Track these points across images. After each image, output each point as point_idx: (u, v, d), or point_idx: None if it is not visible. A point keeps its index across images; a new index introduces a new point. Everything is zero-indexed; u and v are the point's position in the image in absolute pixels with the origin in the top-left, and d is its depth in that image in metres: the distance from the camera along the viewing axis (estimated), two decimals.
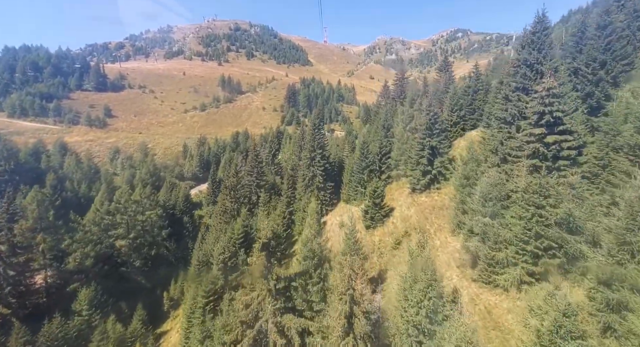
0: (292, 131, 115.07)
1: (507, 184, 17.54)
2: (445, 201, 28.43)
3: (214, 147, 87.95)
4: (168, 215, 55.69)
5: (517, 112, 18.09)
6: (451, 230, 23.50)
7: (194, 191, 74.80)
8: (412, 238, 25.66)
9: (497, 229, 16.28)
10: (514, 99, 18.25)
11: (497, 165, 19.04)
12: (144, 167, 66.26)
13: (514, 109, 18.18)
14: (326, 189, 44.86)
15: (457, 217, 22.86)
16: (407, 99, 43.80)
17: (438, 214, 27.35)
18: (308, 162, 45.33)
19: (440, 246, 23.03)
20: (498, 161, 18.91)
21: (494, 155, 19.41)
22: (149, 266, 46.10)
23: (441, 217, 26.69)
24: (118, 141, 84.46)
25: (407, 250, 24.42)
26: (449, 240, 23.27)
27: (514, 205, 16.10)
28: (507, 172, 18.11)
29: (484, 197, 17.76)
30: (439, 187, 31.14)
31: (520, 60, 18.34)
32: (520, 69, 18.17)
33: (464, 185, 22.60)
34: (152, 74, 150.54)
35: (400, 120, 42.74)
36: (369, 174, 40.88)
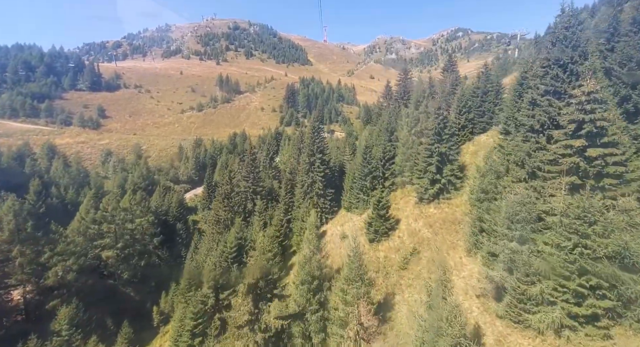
0: (291, 132, 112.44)
1: (538, 203, 15.07)
2: (457, 214, 25.88)
3: (210, 148, 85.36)
4: (160, 221, 53.14)
5: (547, 120, 15.63)
6: (466, 249, 20.99)
7: (189, 195, 72.23)
8: (422, 257, 23.13)
9: (528, 258, 13.80)
10: (543, 104, 15.78)
11: (524, 181, 16.59)
12: (136, 171, 63.64)
13: (544, 115, 15.71)
14: (326, 195, 42.31)
15: (473, 235, 20.34)
16: (412, 101, 41.23)
17: (449, 228, 24.81)
18: (307, 167, 42.74)
19: (454, 268, 20.51)
20: (525, 176, 16.45)
21: (519, 169, 16.93)
22: (139, 277, 43.53)
23: (453, 233, 24.15)
24: (111, 143, 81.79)
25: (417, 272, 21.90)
26: (465, 261, 20.76)
27: (549, 231, 13.65)
28: (537, 190, 15.63)
29: (509, 218, 15.26)
30: (449, 198, 28.60)
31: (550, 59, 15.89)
32: (551, 70, 15.73)
33: (482, 199, 20.07)
34: (149, 73, 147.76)
35: (405, 124, 40.19)
36: (371, 181, 38.33)
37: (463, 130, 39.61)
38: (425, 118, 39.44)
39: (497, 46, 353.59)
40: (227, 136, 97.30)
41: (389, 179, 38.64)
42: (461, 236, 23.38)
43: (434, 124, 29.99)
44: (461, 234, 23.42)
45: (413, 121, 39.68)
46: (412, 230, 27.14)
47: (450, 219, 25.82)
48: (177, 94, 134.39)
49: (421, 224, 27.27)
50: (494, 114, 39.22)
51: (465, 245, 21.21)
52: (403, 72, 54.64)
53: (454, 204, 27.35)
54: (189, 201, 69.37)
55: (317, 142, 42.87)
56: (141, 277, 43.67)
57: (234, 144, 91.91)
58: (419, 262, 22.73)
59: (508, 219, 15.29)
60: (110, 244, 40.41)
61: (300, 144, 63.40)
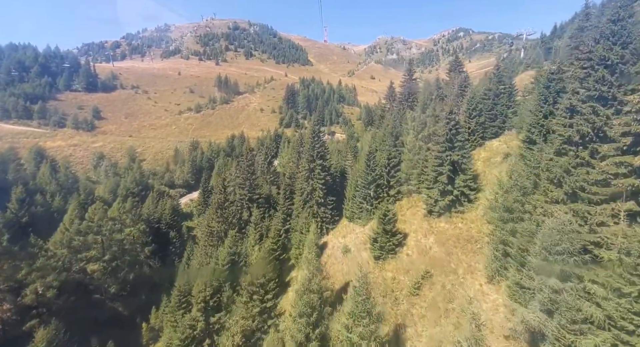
0: (291, 134, 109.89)
1: (583, 232, 12.58)
2: (473, 232, 23.28)
3: (207, 151, 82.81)
4: (152, 230, 50.62)
5: (590, 130, 13.14)
6: (488, 276, 18.41)
7: (185, 200, 69.67)
8: (436, 282, 20.52)
9: (575, 300, 11.29)
10: (585, 111, 13.27)
11: (562, 202, 14.07)
12: (129, 175, 61.08)
13: (586, 125, 13.21)
14: (327, 204, 39.77)
15: (496, 260, 17.77)
16: (419, 104, 38.65)
17: (464, 248, 22.22)
18: (307, 174, 40.19)
19: (473, 298, 17.94)
20: (563, 196, 13.93)
21: (555, 187, 14.42)
22: (128, 290, 40.98)
23: (469, 254, 21.57)
24: (105, 146, 79.25)
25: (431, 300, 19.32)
26: (486, 289, 18.20)
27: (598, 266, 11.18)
28: (581, 215, 13.13)
29: (547, 248, 12.74)
30: (462, 211, 26.02)
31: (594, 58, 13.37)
32: (595, 71, 13.23)
33: (505, 219, 17.49)
34: (146, 73, 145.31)
35: (411, 128, 37.61)
36: (375, 190, 35.78)
37: (473, 135, 37.09)
38: (432, 122, 36.92)
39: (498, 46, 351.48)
40: (225, 138, 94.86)
41: (394, 188, 36.09)
42: (479, 257, 20.78)
43: (444, 129, 27.41)
44: (479, 255, 20.83)
45: (420, 125, 37.11)
46: (422, 247, 24.54)
47: (464, 236, 23.22)
48: (175, 94, 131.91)
49: (432, 241, 24.67)
50: (506, 118, 36.66)
51: (485, 271, 18.65)
52: (407, 72, 52.07)
53: (468, 219, 24.75)
54: (184, 206, 66.85)
55: (317, 148, 40.33)
56: (130, 290, 41.12)
57: (231, 146, 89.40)
58: (432, 287, 20.15)
59: (545, 250, 12.78)
60: (96, 257, 37.86)
61: (300, 148, 60.89)
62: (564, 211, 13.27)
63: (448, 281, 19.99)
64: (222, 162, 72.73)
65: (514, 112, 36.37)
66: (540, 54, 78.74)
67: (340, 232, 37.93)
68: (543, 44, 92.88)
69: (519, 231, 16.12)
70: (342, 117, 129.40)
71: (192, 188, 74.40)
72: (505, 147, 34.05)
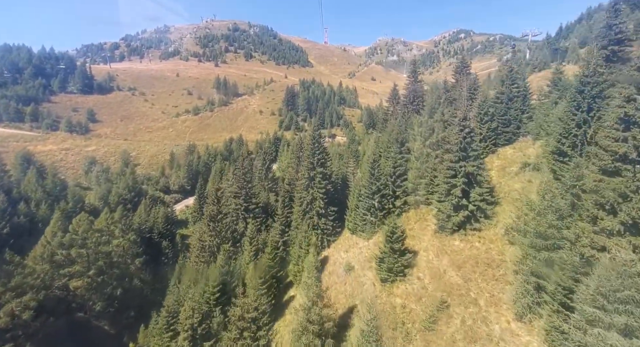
0: (291, 137, 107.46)
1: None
2: (493, 253, 20.70)
3: (204, 155, 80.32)
4: (144, 240, 48.08)
5: None
6: (517, 313, 15.81)
7: (180, 206, 67.12)
8: (454, 314, 17.91)
9: None
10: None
11: (619, 234, 11.61)
12: (121, 181, 58.52)
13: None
14: (328, 215, 37.20)
15: (527, 294, 15.18)
16: (426, 108, 36.10)
17: (485, 273, 19.63)
18: (306, 182, 37.65)
19: (499, 338, 15.34)
20: (620, 227, 11.48)
21: (607, 215, 11.95)
22: (115, 306, 38.37)
23: (491, 282, 18.98)
24: (98, 149, 76.71)
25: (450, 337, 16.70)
26: (515, 328, 15.60)
27: None
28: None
29: (604, 294, 10.23)
30: (479, 228, 23.44)
31: None
32: None
33: (539, 247, 14.92)
34: (144, 75, 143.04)
35: (418, 134, 35.07)
36: (380, 200, 33.20)
37: (485, 141, 34.56)
38: (441, 128, 34.38)
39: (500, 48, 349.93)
40: (223, 141, 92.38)
41: (400, 198, 33.50)
42: (503, 285, 18.19)
43: (457, 137, 24.87)
44: (503, 283, 18.23)
45: (427, 131, 34.57)
46: (436, 270, 21.93)
47: (484, 259, 20.63)
48: (172, 96, 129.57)
49: (446, 263, 22.07)
50: (521, 123, 34.12)
51: (514, 306, 16.07)
52: (411, 74, 49.55)
53: (487, 238, 22.16)
54: (179, 213, 64.30)
55: (317, 154, 37.78)
56: (118, 306, 38.50)
57: (229, 150, 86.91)
58: (450, 321, 17.55)
59: (602, 296, 10.28)
60: (80, 272, 35.28)
61: (300, 152, 58.37)
62: (623, 246, 10.82)
63: (468, 314, 17.39)
64: (219, 167, 70.20)
65: (529, 117, 33.84)
66: (548, 55, 76.31)
67: (342, 245, 35.35)
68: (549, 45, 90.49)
69: (557, 262, 13.57)
70: (342, 119, 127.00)
71: (188, 194, 71.86)
72: (521, 155, 31.51)
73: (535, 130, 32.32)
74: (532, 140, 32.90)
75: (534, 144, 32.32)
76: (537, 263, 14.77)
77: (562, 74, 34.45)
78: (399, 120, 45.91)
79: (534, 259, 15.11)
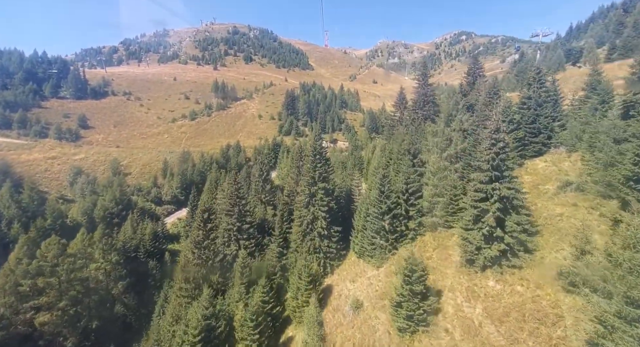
0: (291, 142, 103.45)
1: None
2: (544, 304, 16.31)
3: (199, 163, 76.21)
4: (129, 260, 43.87)
5: None
6: None
7: (172, 219, 62.91)
8: None
9: None
10: None
11: None
12: (108, 193, 54.38)
13: None
14: (331, 236, 32.90)
15: None
16: (442, 115, 31.82)
17: (536, 332, 15.25)
18: (307, 199, 33.38)
19: None
20: None
21: None
22: (92, 339, 34.08)
23: (545, 343, 14.55)
24: (87, 158, 72.72)
25: None
26: None
27: None
28: None
29: None
30: (519, 266, 19.07)
31: None
32: None
33: (631, 318, 10.58)
34: (140, 79, 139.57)
35: (434, 145, 30.78)
36: (391, 222, 28.88)
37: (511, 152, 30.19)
38: (460, 138, 30.11)
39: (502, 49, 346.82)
40: (220, 148, 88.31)
41: (415, 219, 29.19)
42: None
43: (489, 153, 20.56)
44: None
45: (444, 142, 30.27)
46: (468, 322, 17.53)
47: (532, 311, 16.23)
48: (169, 101, 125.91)
49: (480, 312, 17.66)
50: (553, 132, 29.82)
51: None
52: (421, 76, 45.34)
53: (531, 281, 17.79)
54: (171, 227, 60.08)
55: (319, 168, 33.53)
56: (95, 340, 34.19)
57: (226, 157, 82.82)
58: None
59: None
60: (50, 303, 31.00)
61: (299, 162, 54.22)
62: None
63: None
64: (215, 176, 65.96)
65: (562, 126, 29.54)
66: (562, 56, 71.93)
67: (348, 272, 30.98)
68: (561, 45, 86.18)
69: None
70: (344, 123, 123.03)
71: (182, 204, 67.66)
72: (555, 170, 27.17)
73: (570, 141, 28.03)
74: (567, 152, 28.59)
75: (569, 157, 28.00)
76: (630, 343, 10.46)
77: (601, 75, 30.18)
78: (409, 128, 41.68)
79: (622, 333, 10.79)
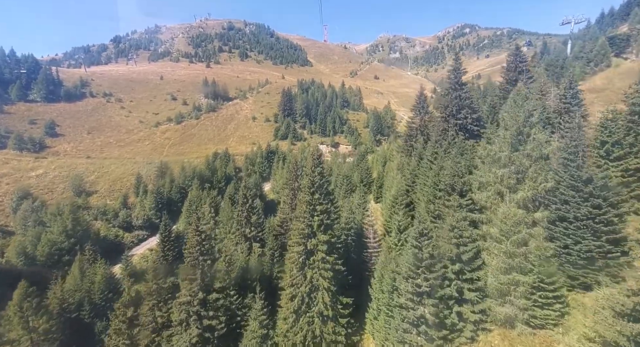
0: (287, 148, 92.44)
1: None
2: None
3: (179, 177, 65.22)
4: (68, 322, 33.13)
5: None
6: None
7: (141, 250, 52.06)
8: None
9: None
10: None
11: None
12: (56, 224, 43.56)
13: None
14: (337, 317, 21.99)
15: None
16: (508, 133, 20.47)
17: None
18: (301, 258, 22.42)
19: None
20: None
21: None
22: None
23: None
24: (46, 174, 61.85)
25: None
26: None
27: None
28: None
29: None
30: None
31: None
32: None
33: None
34: (123, 78, 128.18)
35: (496, 180, 19.65)
36: (435, 308, 17.94)
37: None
38: (541, 171, 19.00)
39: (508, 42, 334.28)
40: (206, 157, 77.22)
41: (474, 304, 18.22)
42: None
43: None
44: None
45: (513, 174, 19.20)
46: None
47: None
48: (154, 102, 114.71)
49: None
50: None
51: None
52: (454, 73, 33.99)
53: None
54: (139, 260, 49.28)
55: (318, 211, 22.48)
56: None
57: (212, 168, 71.69)
58: None
59: None
60: None
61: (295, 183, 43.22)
62: None
63: None
64: (195, 195, 55.01)
65: None
66: (606, 46, 60.24)
67: None
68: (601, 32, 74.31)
69: None
70: (346, 125, 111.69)
71: (157, 229, 56.64)
72: None
73: None
74: None
75: None
76: None
77: None
78: (439, 144, 30.45)
79: None
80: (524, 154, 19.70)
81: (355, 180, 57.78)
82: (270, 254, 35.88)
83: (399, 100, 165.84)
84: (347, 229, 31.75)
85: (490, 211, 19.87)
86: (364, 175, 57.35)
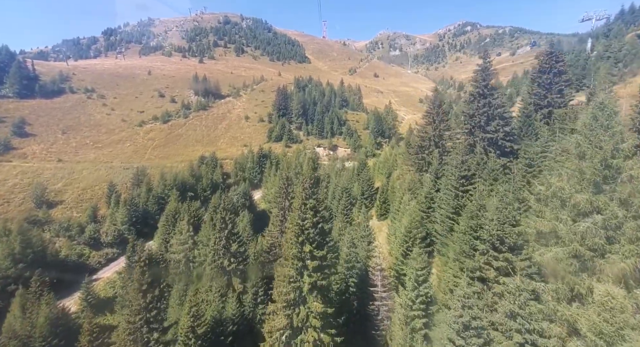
0: (281, 151, 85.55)
1: None
2: None
3: (158, 186, 58.25)
4: None
5: None
6: None
7: (109, 273, 45.21)
8: None
9: None
10: None
11: None
12: (2, 245, 36.70)
13: None
14: None
15: None
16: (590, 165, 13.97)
17: None
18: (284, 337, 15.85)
19: None
20: None
21: None
22: None
23: None
24: (5, 181, 54.61)
25: None
26: None
27: None
28: None
29: None
30: None
31: None
32: None
33: None
34: (108, 73, 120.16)
35: (575, 236, 13.10)
36: None
37: None
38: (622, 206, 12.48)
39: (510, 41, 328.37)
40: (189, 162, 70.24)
41: None
42: None
43: None
44: None
45: (598, 229, 12.70)
46: None
47: None
48: (139, 99, 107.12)
49: None
50: None
51: None
52: (481, 75, 27.40)
53: None
54: (104, 286, 42.52)
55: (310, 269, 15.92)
56: None
57: (196, 175, 64.75)
58: None
59: None
60: None
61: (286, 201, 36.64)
62: None
63: None
64: (173, 209, 48.06)
65: None
66: (638, 44, 53.77)
67: None
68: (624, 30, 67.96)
69: None
70: (345, 126, 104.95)
71: None
72: None
73: None
74: None
75: None
76: None
77: None
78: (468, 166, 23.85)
79: None
80: (616, 200, 13.17)
81: (355, 192, 51.26)
82: (253, 292, 29.57)
83: (400, 100, 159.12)
84: (348, 269, 25.25)
85: (563, 282, 13.38)
86: (365, 187, 50.81)
